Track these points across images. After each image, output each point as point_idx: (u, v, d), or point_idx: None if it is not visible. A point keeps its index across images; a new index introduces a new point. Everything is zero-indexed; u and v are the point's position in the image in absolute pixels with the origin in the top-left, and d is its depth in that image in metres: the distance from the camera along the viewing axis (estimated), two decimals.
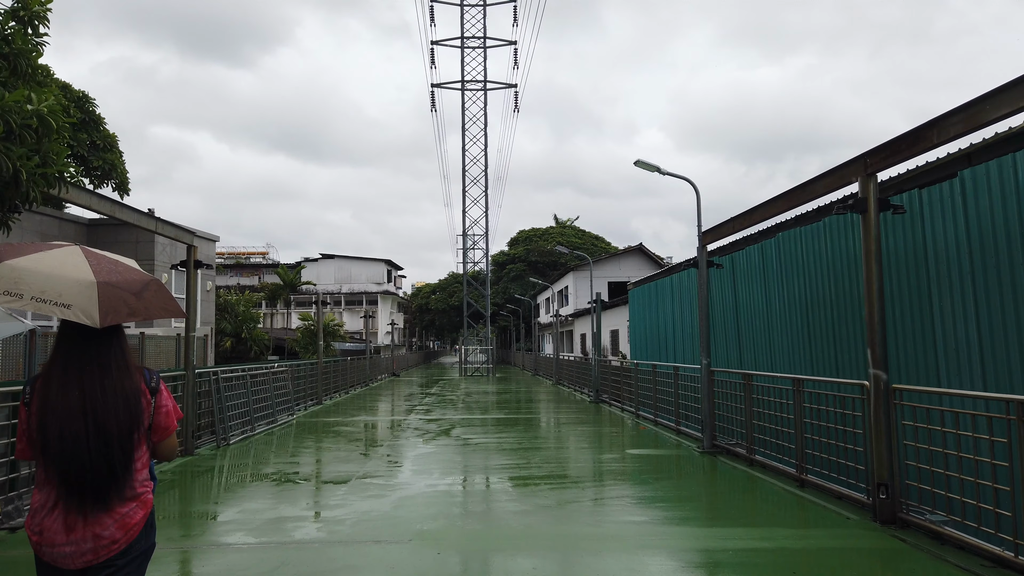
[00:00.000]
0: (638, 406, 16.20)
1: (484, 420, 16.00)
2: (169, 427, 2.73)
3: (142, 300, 2.55)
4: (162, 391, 2.71)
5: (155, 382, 2.68)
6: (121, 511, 2.50)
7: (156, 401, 2.67)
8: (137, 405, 2.57)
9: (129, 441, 2.52)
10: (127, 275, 2.60)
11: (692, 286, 15.80)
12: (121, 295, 2.49)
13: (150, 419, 2.63)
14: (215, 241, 29.32)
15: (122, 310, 2.46)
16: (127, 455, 2.52)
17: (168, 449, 2.77)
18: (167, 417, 2.71)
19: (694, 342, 15.62)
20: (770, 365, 10.85)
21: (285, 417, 15.88)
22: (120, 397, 2.52)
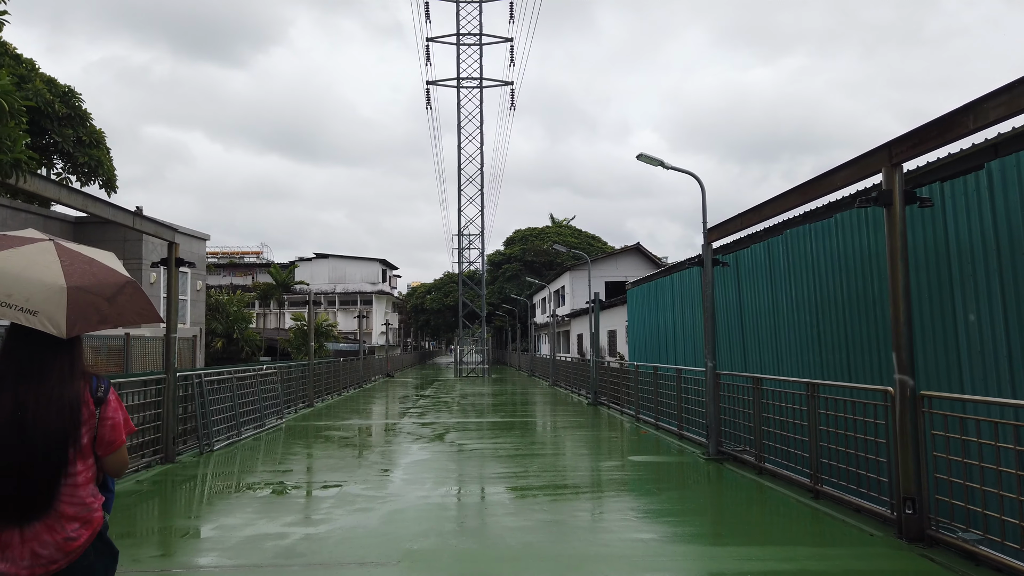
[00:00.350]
0: (638, 409, 15.72)
1: (479, 424, 15.51)
2: (115, 441, 2.52)
3: (115, 305, 2.42)
4: (109, 401, 2.51)
5: (102, 391, 2.49)
6: (61, 529, 2.34)
7: (101, 412, 2.48)
8: (74, 416, 2.38)
9: (60, 455, 2.34)
10: (102, 276, 2.46)
11: (694, 286, 15.35)
12: (93, 301, 2.36)
13: (93, 432, 2.45)
14: (205, 240, 28.75)
15: (92, 318, 2.34)
16: (54, 470, 2.33)
17: (116, 464, 2.56)
18: (113, 430, 2.51)
19: (696, 343, 15.17)
20: (777, 368, 10.39)
21: (274, 421, 15.36)
22: (55, 407, 2.34)
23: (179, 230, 25.88)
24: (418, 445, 12.04)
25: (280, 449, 11.92)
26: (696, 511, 7.46)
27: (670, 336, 17.44)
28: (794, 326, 9.99)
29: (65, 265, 2.40)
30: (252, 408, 14.21)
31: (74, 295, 2.33)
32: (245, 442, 12.54)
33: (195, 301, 27.68)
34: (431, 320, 71.22)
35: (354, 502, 7.55)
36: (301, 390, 19.49)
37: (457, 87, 39.99)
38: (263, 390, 14.99)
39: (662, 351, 18.05)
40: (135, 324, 2.60)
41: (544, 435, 14.06)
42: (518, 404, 21.68)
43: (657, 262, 42.26)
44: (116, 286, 2.47)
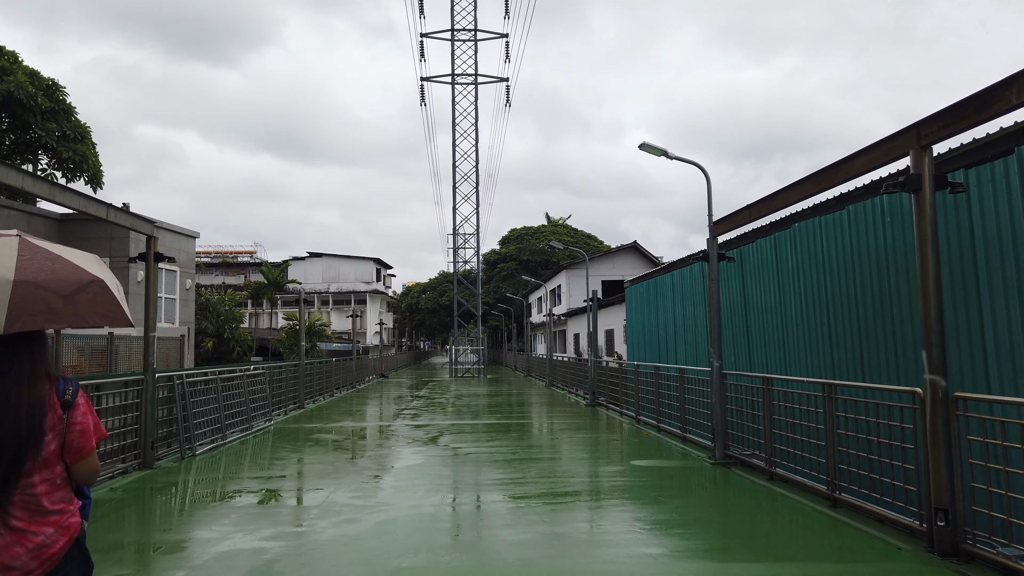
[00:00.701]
0: (639, 410, 15.24)
1: (475, 426, 15.00)
2: (84, 447, 2.41)
3: (72, 304, 2.30)
4: (78, 406, 2.40)
5: (70, 394, 2.39)
6: (34, 536, 2.24)
7: (69, 417, 2.37)
8: (36, 422, 2.26)
9: (17, 463, 2.22)
10: (62, 274, 2.33)
11: (696, 283, 14.88)
12: (44, 297, 2.24)
13: (61, 438, 2.34)
14: (195, 238, 28.17)
15: (40, 315, 2.22)
16: (11, 478, 2.22)
17: (85, 472, 2.45)
18: (82, 436, 2.40)
19: (698, 343, 14.70)
20: (784, 367, 9.93)
21: (262, 423, 14.83)
22: (13, 412, 2.22)
23: (165, 227, 25.24)
24: (411, 449, 11.52)
25: (266, 453, 11.40)
26: (706, 521, 6.97)
27: (670, 335, 16.98)
28: (803, 324, 9.52)
29: (22, 260, 2.29)
30: (238, 410, 13.67)
31: (21, 290, 2.20)
32: (230, 446, 12.01)
33: (184, 300, 27.10)
34: (426, 320, 70.69)
35: (340, 512, 7.04)
36: (291, 391, 18.95)
37: (452, 83, 39.46)
38: (250, 391, 14.46)
39: (662, 350, 17.59)
40: (98, 325, 2.47)
41: (542, 437, 13.56)
42: (514, 405, 21.18)
43: (654, 261, 41.81)
44: (77, 284, 2.34)
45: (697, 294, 14.86)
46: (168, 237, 26.20)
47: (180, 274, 26.81)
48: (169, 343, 21.22)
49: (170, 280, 26.21)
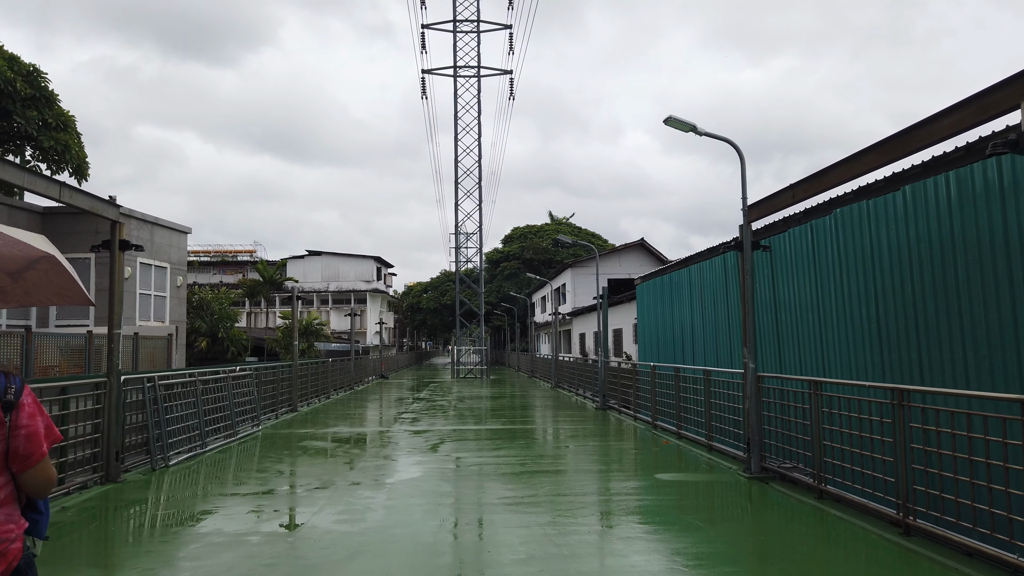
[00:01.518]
0: (655, 415, 14.11)
1: (478, 432, 13.88)
2: (32, 454, 2.11)
3: (21, 282, 2.20)
4: (23, 406, 2.12)
5: (13, 393, 2.10)
6: None
7: (12, 420, 2.09)
8: None
9: None
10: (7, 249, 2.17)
11: (717, 277, 13.79)
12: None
13: (4, 443, 2.08)
14: (187, 233, 27.08)
15: None
16: None
17: (35, 482, 2.13)
18: (29, 441, 2.11)
19: (719, 342, 13.60)
20: (823, 368, 8.85)
21: (249, 429, 13.73)
22: None
23: (154, 221, 24.15)
24: (409, 459, 10.41)
25: (248, 464, 10.29)
26: (758, 554, 5.84)
27: (687, 334, 15.89)
28: (845, 321, 8.43)
29: None
30: (221, 415, 12.57)
31: None
32: (209, 455, 10.91)
33: (175, 298, 26.02)
34: (428, 320, 69.57)
35: (321, 541, 5.92)
36: (284, 393, 17.85)
37: (454, 76, 38.36)
38: (235, 394, 13.35)
39: (677, 351, 16.49)
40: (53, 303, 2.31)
41: (552, 446, 12.43)
42: (520, 408, 20.06)
43: (661, 258, 40.66)
44: (25, 261, 2.21)
45: (719, 289, 13.77)
46: (159, 233, 25.13)
47: (171, 271, 25.73)
48: (156, 343, 20.13)
49: (160, 277, 25.14)
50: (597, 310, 19.31)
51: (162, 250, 25.43)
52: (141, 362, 18.89)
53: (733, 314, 12.92)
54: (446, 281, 65.71)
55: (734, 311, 12.90)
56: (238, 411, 13.40)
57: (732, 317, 13.00)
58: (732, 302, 12.99)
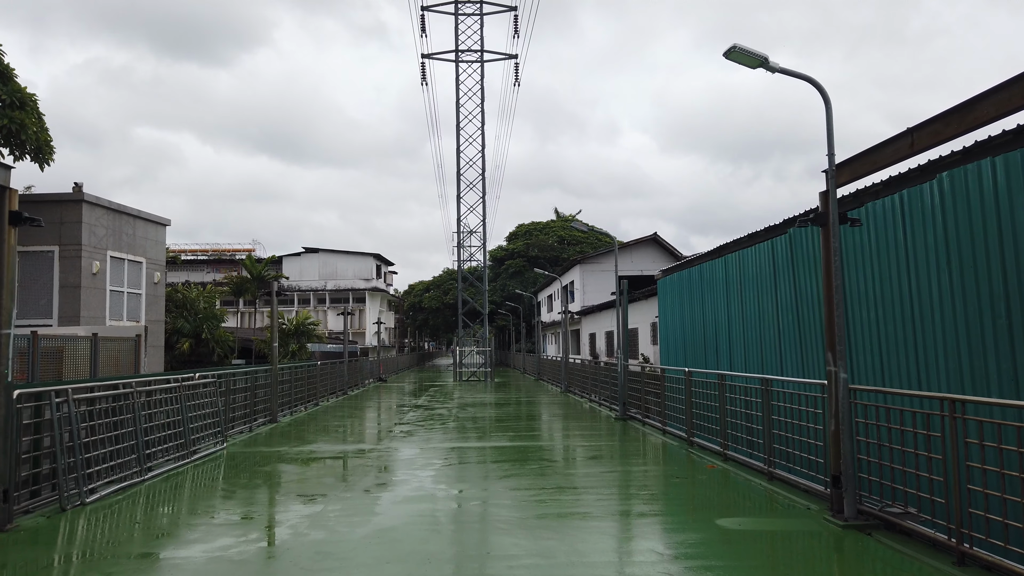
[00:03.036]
0: (691, 430, 11.93)
1: (482, 452, 11.70)
2: None
3: None
4: None
5: None
6: None
7: None
8: None
9: None
10: None
11: (764, 268, 11.64)
12: None
13: None
14: (165, 226, 24.99)
15: None
16: None
17: None
18: None
19: (763, 345, 11.44)
20: (918, 380, 6.76)
21: (212, 447, 11.60)
22: None
23: (128, 212, 22.05)
24: (392, 496, 8.23)
25: (191, 498, 8.15)
26: None
27: (720, 335, 13.74)
28: (957, 319, 6.31)
29: None
30: (171, 432, 10.43)
31: None
32: (150, 484, 8.78)
33: (152, 296, 23.92)
34: (430, 320, 67.45)
35: None
36: (262, 402, 15.72)
37: (455, 60, 36.22)
38: (193, 406, 11.21)
39: (709, 353, 14.35)
40: None
41: (575, 473, 10.25)
42: (528, 418, 17.88)
43: (675, 254, 38.47)
44: None
45: (765, 282, 11.61)
46: (133, 224, 23.04)
47: (147, 266, 23.64)
48: (121, 344, 18.00)
49: (134, 273, 23.04)
50: (616, 307, 17.14)
51: (136, 243, 23.34)
52: (102, 367, 16.75)
53: (784, 311, 10.78)
54: (449, 280, 63.60)
55: (784, 308, 10.75)
56: (197, 426, 11.26)
57: (783, 315, 10.85)
58: (783, 297, 10.85)
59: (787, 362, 10.80)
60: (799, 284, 10.42)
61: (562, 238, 62.47)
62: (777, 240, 11.34)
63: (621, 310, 16.88)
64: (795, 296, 10.54)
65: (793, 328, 10.59)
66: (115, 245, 22.03)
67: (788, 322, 10.81)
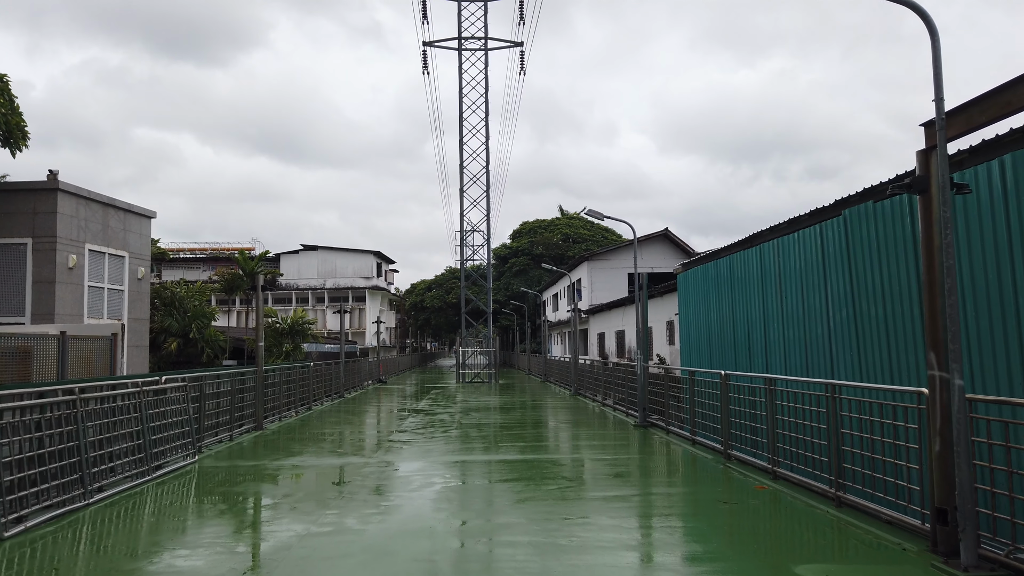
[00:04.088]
0: (728, 442, 10.44)
1: (488, 468, 10.21)
2: None
3: None
4: None
5: None
6: None
7: None
8: None
9: None
10: None
11: (810, 257, 10.18)
12: None
13: None
14: (151, 218, 23.53)
15: None
16: None
17: None
18: None
19: (809, 345, 9.97)
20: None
21: (182, 460, 10.14)
22: None
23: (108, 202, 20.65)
24: (382, 530, 6.73)
25: (129, 534, 6.66)
26: None
27: (756, 333, 12.25)
28: None
29: None
30: (132, 445, 8.97)
31: None
32: (96, 510, 7.31)
33: (135, 292, 22.46)
34: (432, 319, 66.03)
35: None
36: (246, 407, 14.27)
37: (459, 49, 34.74)
38: (156, 415, 9.74)
39: (740, 354, 12.85)
40: None
41: (601, 497, 8.73)
42: (538, 425, 16.38)
43: (688, 250, 36.92)
44: None
45: (813, 273, 10.13)
46: (115, 216, 21.59)
47: (129, 260, 22.18)
48: (94, 344, 16.53)
49: (116, 268, 21.57)
50: (637, 302, 15.65)
51: (118, 236, 21.87)
52: (73, 369, 15.30)
53: (837, 306, 9.30)
54: (451, 278, 62.14)
55: (838, 302, 9.27)
56: (162, 437, 9.80)
57: (835, 310, 9.37)
58: (835, 289, 9.38)
59: (840, 364, 9.31)
60: (856, 274, 8.94)
61: (567, 236, 60.97)
62: (827, 224, 9.86)
63: (640, 306, 15.38)
64: (851, 288, 9.06)
65: (848, 325, 9.11)
66: (94, 238, 20.60)
67: (842, 319, 9.33)
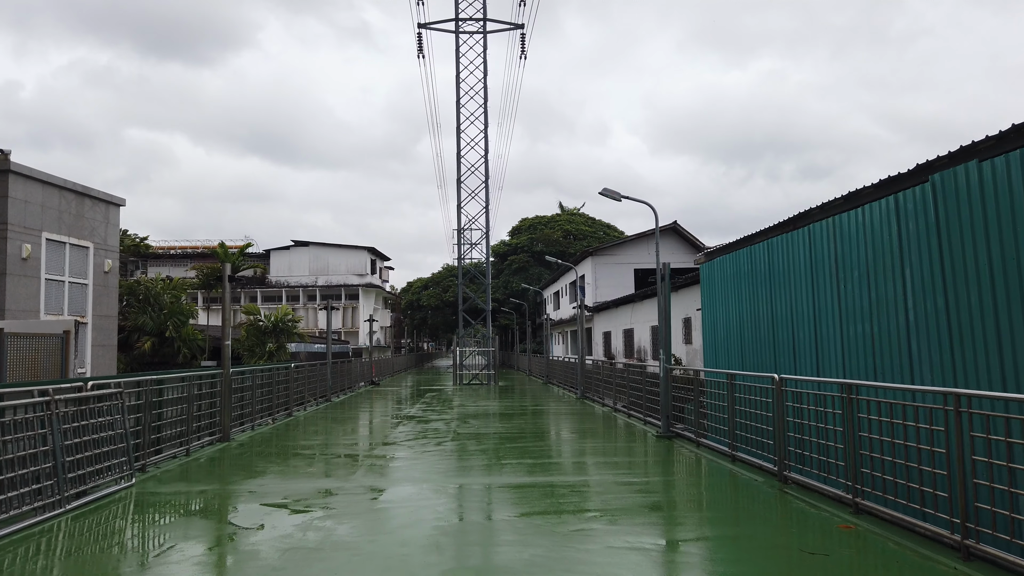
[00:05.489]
0: (783, 462, 8.51)
1: (490, 495, 8.26)
2: None
3: None
4: None
5: None
6: None
7: None
8: None
9: None
10: None
11: (883, 234, 8.27)
12: None
13: None
14: (120, 206, 21.56)
15: None
16: None
17: None
18: None
19: (882, 343, 8.05)
20: None
21: (113, 485, 8.23)
22: None
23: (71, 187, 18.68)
24: None
25: None
26: None
27: (803, 331, 10.35)
28: None
29: None
30: (36, 470, 7.03)
31: None
32: None
33: (101, 286, 20.49)
34: (428, 318, 64.09)
35: None
36: (205, 416, 12.33)
37: (456, 31, 32.80)
38: (74, 429, 7.79)
39: (782, 355, 10.96)
40: None
41: (641, 540, 6.78)
42: (548, 436, 14.44)
43: (699, 245, 35.03)
44: None
45: (886, 256, 8.20)
46: (76, 202, 19.63)
47: (95, 252, 20.22)
48: (42, 343, 14.58)
49: (79, 260, 19.60)
50: (659, 295, 13.70)
51: (82, 225, 19.89)
52: (15, 371, 13.37)
53: (920, 296, 7.40)
54: (448, 276, 60.20)
55: (921, 291, 7.38)
56: (86, 457, 7.85)
57: (918, 301, 7.46)
58: (917, 276, 7.50)
59: (923, 366, 7.41)
60: (954, 254, 7.03)
61: (568, 232, 59.09)
62: (905, 195, 7.94)
63: (663, 299, 13.44)
64: (943, 272, 7.16)
65: (939, 319, 7.20)
66: (53, 225, 18.65)
67: (928, 311, 7.40)
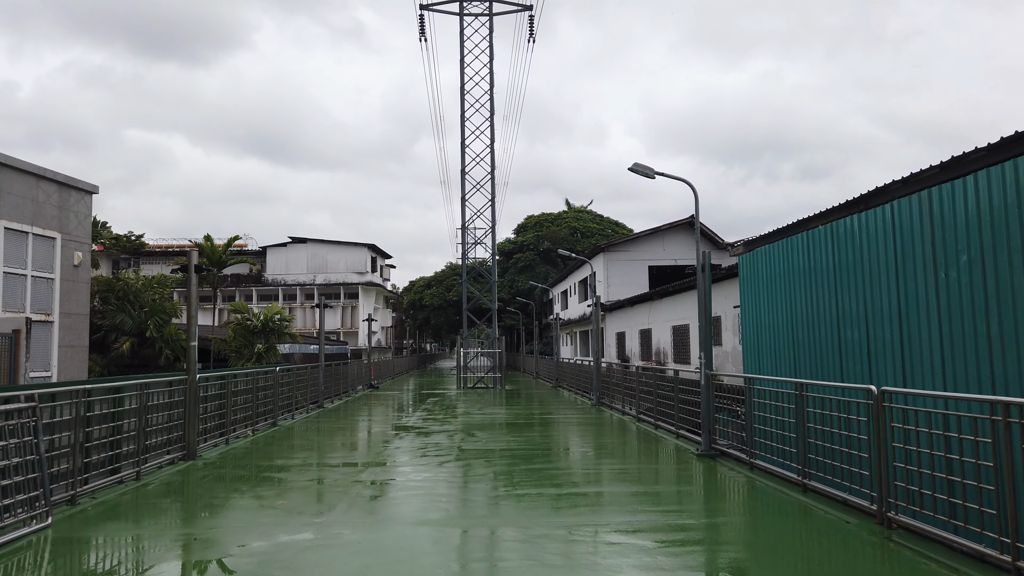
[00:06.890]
0: (885, 499, 6.57)
1: (504, 550, 6.32)
2: None
3: None
4: None
5: None
6: None
7: None
8: None
9: None
10: None
11: (998, 209, 6.34)
12: None
13: None
14: (92, 193, 19.70)
15: None
16: None
17: None
18: None
19: (994, 347, 6.13)
20: None
21: (22, 527, 6.34)
22: None
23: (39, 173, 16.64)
24: None
25: None
26: None
27: (879, 331, 8.41)
28: None
29: None
30: None
31: None
32: None
33: (70, 282, 18.62)
34: (431, 319, 62.19)
35: None
36: (162, 431, 10.43)
37: (460, 13, 30.91)
38: None
39: (850, 360, 9.02)
40: None
41: None
42: (568, 455, 12.51)
43: (718, 241, 33.06)
44: None
45: (1002, 236, 6.27)
46: (49, 190, 17.76)
47: (62, 243, 18.35)
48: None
49: (44, 251, 17.73)
50: (699, 290, 11.75)
51: (48, 214, 18.00)
52: None
53: None
54: (452, 275, 58.30)
55: None
56: None
57: None
58: None
59: None
60: None
61: (575, 229, 57.19)
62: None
63: (703, 292, 11.51)
64: None
65: None
66: (14, 213, 16.79)
67: None
